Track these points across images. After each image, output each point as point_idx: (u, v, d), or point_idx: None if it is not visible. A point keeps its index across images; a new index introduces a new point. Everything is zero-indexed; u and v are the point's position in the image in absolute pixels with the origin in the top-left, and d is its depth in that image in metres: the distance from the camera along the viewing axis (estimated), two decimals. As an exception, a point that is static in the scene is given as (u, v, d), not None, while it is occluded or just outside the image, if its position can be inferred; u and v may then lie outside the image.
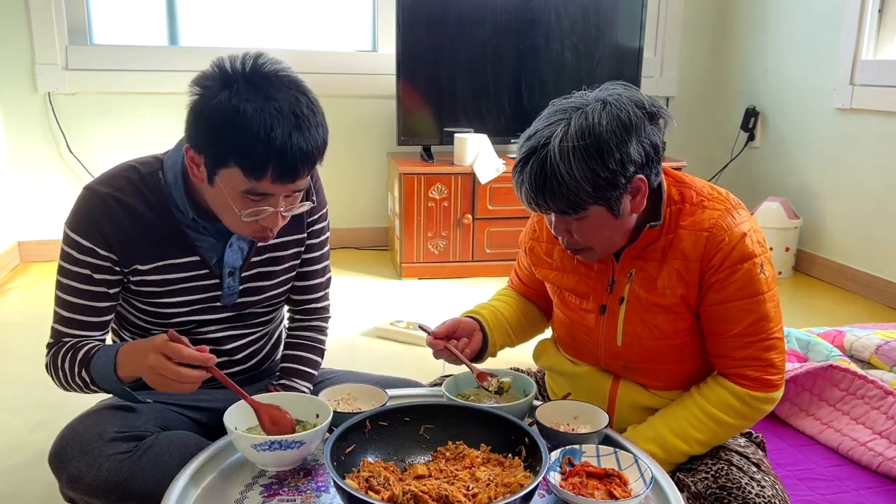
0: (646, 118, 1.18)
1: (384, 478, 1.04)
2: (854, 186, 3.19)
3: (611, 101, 1.17)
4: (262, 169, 1.12)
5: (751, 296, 1.24)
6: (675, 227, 1.27)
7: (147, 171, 1.27)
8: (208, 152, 1.15)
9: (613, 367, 1.39)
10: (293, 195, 1.21)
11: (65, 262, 1.26)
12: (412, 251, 3.27)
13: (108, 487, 1.19)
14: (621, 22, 3.50)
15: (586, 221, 1.21)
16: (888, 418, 1.74)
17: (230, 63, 1.15)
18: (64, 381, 1.27)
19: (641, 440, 1.29)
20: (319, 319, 1.52)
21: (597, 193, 1.16)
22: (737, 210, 1.27)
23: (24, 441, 1.84)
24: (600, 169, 1.14)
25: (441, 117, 3.44)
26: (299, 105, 1.13)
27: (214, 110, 1.12)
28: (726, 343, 1.27)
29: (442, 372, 2.30)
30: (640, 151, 1.16)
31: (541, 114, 1.22)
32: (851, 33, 3.12)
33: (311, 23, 3.65)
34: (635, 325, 1.31)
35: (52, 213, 3.39)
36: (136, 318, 1.36)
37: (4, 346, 2.50)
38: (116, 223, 1.24)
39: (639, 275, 1.29)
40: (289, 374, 1.44)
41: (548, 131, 1.16)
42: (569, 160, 1.13)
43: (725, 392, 1.27)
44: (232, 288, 1.35)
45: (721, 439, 1.30)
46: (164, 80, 3.38)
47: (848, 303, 3.08)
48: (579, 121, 1.15)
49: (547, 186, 1.16)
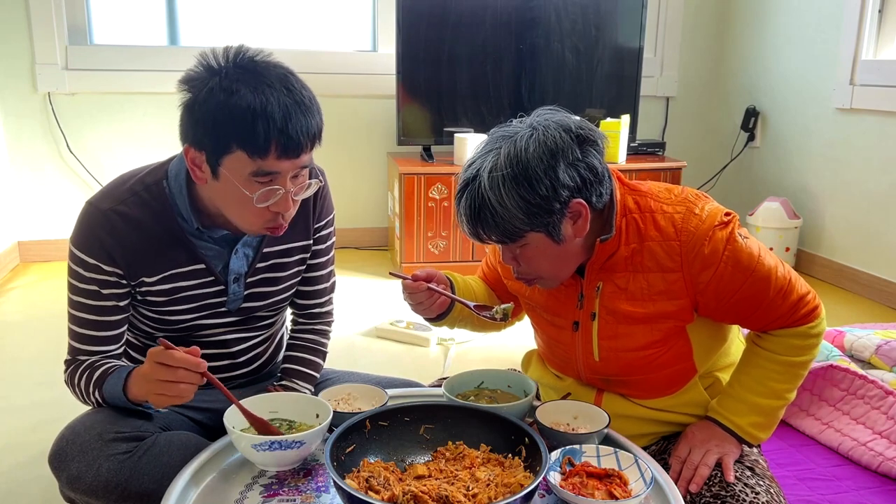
0: (574, 142, 1.16)
1: (384, 478, 1.04)
2: (854, 186, 3.19)
3: (538, 126, 1.17)
4: (266, 145, 1.12)
5: (749, 270, 1.22)
6: (638, 238, 1.25)
7: (151, 181, 1.26)
8: (208, 143, 1.15)
9: (595, 381, 1.38)
10: (300, 174, 1.20)
11: (72, 280, 1.27)
12: (412, 251, 3.27)
13: (108, 488, 1.19)
14: (621, 22, 3.50)
15: (528, 249, 1.21)
16: (888, 418, 1.74)
17: (214, 57, 1.16)
18: (82, 397, 1.29)
19: (736, 415, 1.29)
20: (323, 324, 1.52)
21: (531, 220, 1.15)
22: (696, 204, 1.25)
23: (24, 441, 1.84)
24: (530, 196, 1.14)
25: (441, 117, 3.44)
26: (289, 81, 1.15)
27: (206, 100, 1.12)
28: (757, 318, 1.28)
29: (442, 372, 2.30)
30: (572, 175, 1.15)
31: (478, 143, 1.23)
32: (851, 33, 3.12)
33: (311, 23, 3.65)
34: (610, 338, 1.30)
35: (52, 213, 3.39)
36: (141, 324, 1.36)
37: (4, 346, 2.50)
38: (119, 238, 1.23)
39: (607, 287, 1.28)
40: (290, 374, 1.44)
41: (479, 162, 1.17)
42: (498, 189, 1.14)
43: (787, 338, 1.29)
44: (237, 294, 1.35)
45: (802, 378, 1.32)
46: (164, 80, 3.38)
47: (848, 303, 3.08)
48: (508, 149, 1.15)
49: (481, 216, 1.16)
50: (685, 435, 1.33)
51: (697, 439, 1.31)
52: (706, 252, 1.21)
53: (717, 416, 1.32)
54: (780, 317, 1.27)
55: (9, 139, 3.32)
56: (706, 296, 1.24)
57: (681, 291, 1.24)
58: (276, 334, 1.52)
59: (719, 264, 1.21)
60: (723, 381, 1.38)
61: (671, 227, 1.23)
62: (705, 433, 1.31)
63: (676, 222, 1.23)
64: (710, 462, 1.26)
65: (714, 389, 1.38)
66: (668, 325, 1.27)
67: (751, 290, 1.24)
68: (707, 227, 1.21)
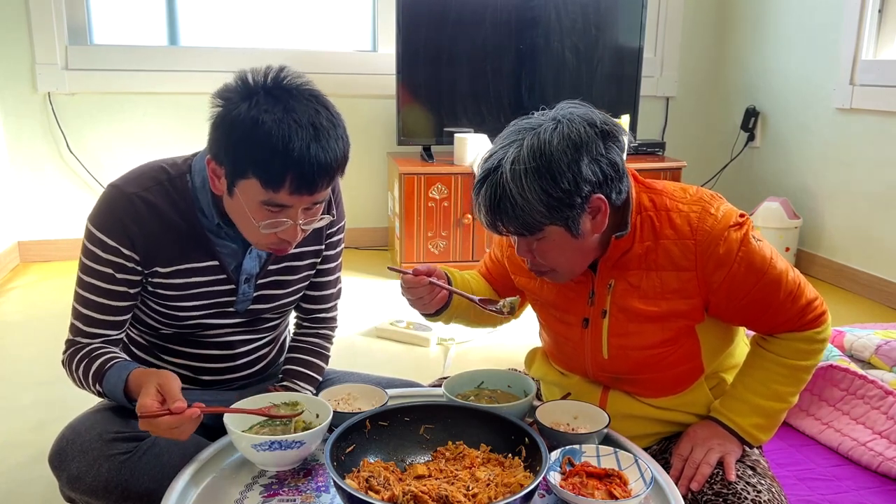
0: (598, 136, 1.16)
1: (384, 478, 1.04)
2: (854, 186, 3.19)
3: (563, 120, 1.16)
4: (280, 180, 1.11)
5: (762, 273, 1.23)
6: (653, 236, 1.25)
7: (176, 174, 1.27)
8: (227, 164, 1.15)
9: (602, 378, 1.38)
10: (313, 208, 1.20)
11: (88, 260, 1.25)
12: (412, 251, 3.27)
13: (108, 488, 1.19)
14: (621, 22, 3.50)
15: (546, 242, 1.20)
16: (888, 418, 1.74)
17: (252, 76, 1.15)
18: (78, 383, 1.28)
19: (739, 416, 1.30)
20: (327, 328, 1.53)
21: (552, 214, 1.15)
22: (711, 204, 1.25)
23: (24, 441, 1.84)
24: (552, 189, 1.13)
25: (441, 117, 3.44)
26: (318, 117, 1.13)
27: (234, 122, 1.12)
28: (766, 321, 1.28)
29: (442, 372, 2.30)
30: (594, 170, 1.15)
31: (500, 134, 1.22)
32: (851, 33, 3.12)
33: (311, 23, 3.65)
34: (621, 336, 1.29)
35: (52, 213, 3.38)
36: (147, 318, 1.36)
37: (4, 346, 2.50)
38: (141, 224, 1.23)
39: (620, 285, 1.28)
40: (291, 376, 1.44)
41: (501, 153, 1.16)
42: (520, 181, 1.13)
43: (793, 342, 1.30)
44: (246, 294, 1.35)
45: (805, 382, 1.33)
46: (164, 80, 3.39)
47: (848, 303, 3.08)
48: (531, 141, 1.14)
49: (501, 208, 1.16)
50: (687, 433, 1.34)
51: (700, 437, 1.31)
52: (721, 252, 1.21)
53: (719, 415, 1.32)
54: (788, 320, 1.28)
55: (9, 139, 3.32)
56: (718, 296, 1.24)
57: (694, 290, 1.24)
58: (279, 337, 1.53)
59: (733, 265, 1.22)
60: (727, 381, 1.39)
61: (687, 225, 1.23)
62: (707, 432, 1.31)
63: (692, 221, 1.23)
64: (712, 461, 1.26)
65: (719, 390, 1.38)
66: (679, 325, 1.27)
67: (762, 291, 1.24)
68: (722, 228, 1.22)
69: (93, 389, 1.26)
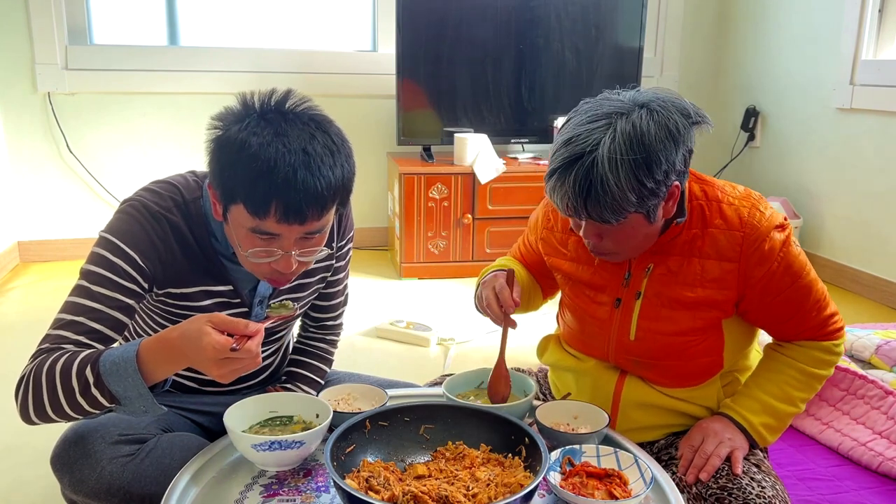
0: (691, 127, 1.16)
1: (384, 478, 1.04)
2: (854, 186, 3.19)
3: (656, 108, 1.14)
4: (265, 206, 1.06)
5: (797, 276, 1.26)
6: (701, 224, 1.27)
7: (190, 198, 1.23)
8: (217, 188, 1.12)
9: (623, 362, 1.37)
10: (311, 238, 1.14)
11: (98, 268, 1.17)
12: (412, 251, 3.27)
13: (111, 490, 1.19)
14: (621, 22, 3.50)
15: (623, 228, 1.19)
16: (888, 418, 1.74)
17: (252, 98, 1.11)
18: (46, 393, 1.09)
19: (750, 413, 1.31)
20: (332, 334, 1.53)
21: (640, 203, 1.14)
22: (760, 203, 1.28)
23: (24, 441, 1.84)
24: (647, 180, 1.12)
25: (441, 117, 3.44)
26: (312, 142, 1.08)
27: (223, 145, 1.09)
28: (791, 325, 1.31)
29: (442, 372, 2.30)
30: (681, 160, 1.16)
31: (571, 117, 1.19)
32: (851, 33, 3.12)
33: (311, 23, 3.65)
34: (651, 320, 1.30)
35: (52, 213, 3.38)
36: (153, 332, 1.31)
37: (4, 346, 2.50)
38: (166, 242, 1.20)
39: (658, 269, 1.29)
40: (295, 378, 1.44)
41: (593, 137, 1.12)
42: (617, 170, 1.10)
43: (814, 351, 1.33)
44: (259, 315, 1.33)
45: (816, 391, 1.36)
46: (164, 80, 3.39)
47: (848, 303, 3.08)
48: (626, 127, 1.11)
49: (591, 195, 1.12)
50: (699, 425, 1.35)
51: (711, 430, 1.32)
52: (766, 248, 1.24)
53: (730, 412, 1.34)
54: (811, 328, 1.31)
55: (9, 139, 3.31)
56: (754, 291, 1.26)
57: (732, 282, 1.26)
58: (283, 344, 1.53)
59: (773, 263, 1.24)
60: (740, 381, 1.41)
61: (737, 218, 1.25)
62: (719, 425, 1.33)
63: (743, 214, 1.25)
64: (723, 454, 1.27)
65: (730, 388, 1.40)
66: (710, 315, 1.29)
67: (794, 294, 1.27)
68: (769, 226, 1.25)
69: (73, 383, 1.07)
